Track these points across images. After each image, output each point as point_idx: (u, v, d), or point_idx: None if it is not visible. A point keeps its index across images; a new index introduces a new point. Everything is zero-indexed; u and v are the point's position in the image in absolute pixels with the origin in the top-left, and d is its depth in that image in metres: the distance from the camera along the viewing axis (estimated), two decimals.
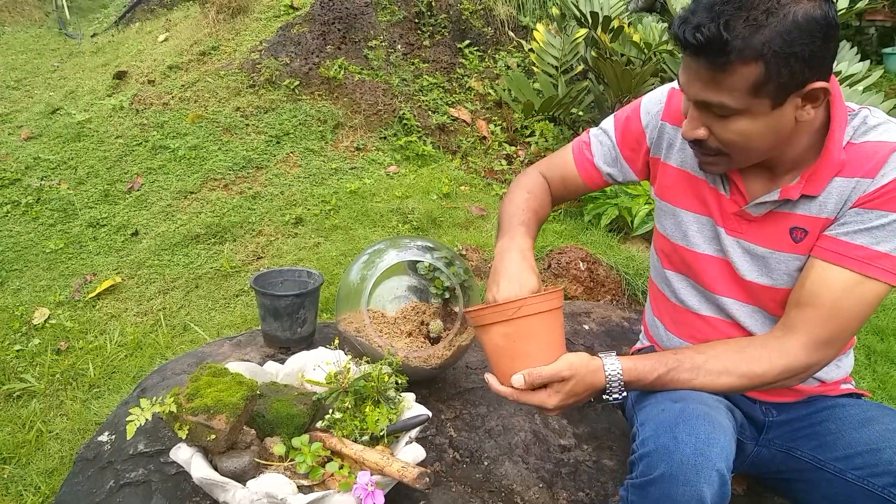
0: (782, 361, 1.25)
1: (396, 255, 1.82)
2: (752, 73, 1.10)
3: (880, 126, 1.22)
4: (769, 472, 1.49)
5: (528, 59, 4.91)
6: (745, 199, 1.33)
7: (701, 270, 1.45)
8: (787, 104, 1.14)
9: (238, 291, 3.32)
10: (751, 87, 1.12)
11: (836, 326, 1.23)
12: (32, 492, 2.19)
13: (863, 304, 1.21)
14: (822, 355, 1.25)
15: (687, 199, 1.44)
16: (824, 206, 1.25)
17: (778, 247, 1.31)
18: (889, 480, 1.21)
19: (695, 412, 1.19)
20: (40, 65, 6.22)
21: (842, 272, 1.21)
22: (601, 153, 1.57)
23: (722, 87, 1.14)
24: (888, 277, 1.19)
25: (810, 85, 1.12)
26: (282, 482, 1.30)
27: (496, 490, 1.57)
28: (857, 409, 1.38)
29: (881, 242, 1.18)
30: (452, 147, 4.72)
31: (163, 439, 1.65)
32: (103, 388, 2.73)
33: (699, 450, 1.12)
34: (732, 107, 1.15)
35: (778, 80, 1.11)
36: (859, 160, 1.21)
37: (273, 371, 1.69)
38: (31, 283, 3.43)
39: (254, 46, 5.00)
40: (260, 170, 4.22)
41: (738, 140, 1.20)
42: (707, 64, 1.13)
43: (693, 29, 1.10)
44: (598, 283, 3.10)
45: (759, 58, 1.09)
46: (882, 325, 3.06)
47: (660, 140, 1.48)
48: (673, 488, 1.11)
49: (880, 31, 7.05)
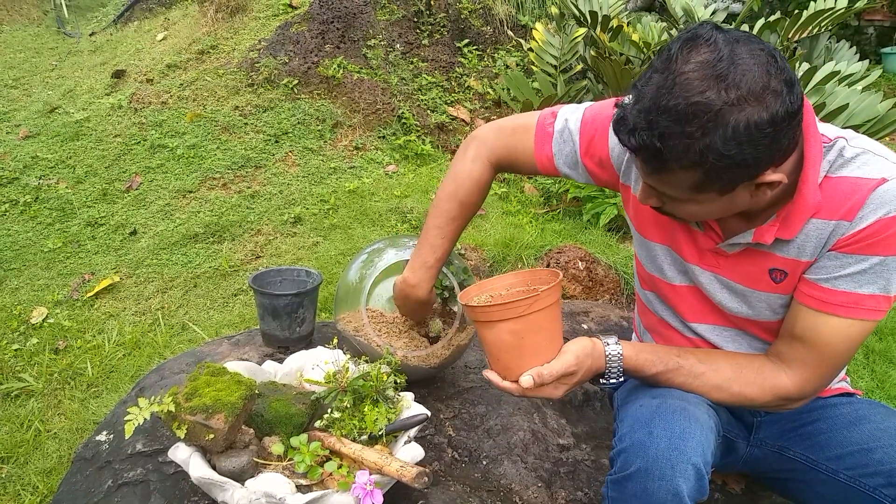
0: (773, 393, 1.27)
1: (395, 254, 1.82)
2: (691, 177, 1.07)
3: (858, 158, 1.15)
4: (764, 472, 1.49)
5: (527, 58, 4.91)
6: (720, 237, 1.29)
7: (676, 300, 1.45)
8: (738, 191, 1.10)
9: (237, 291, 3.31)
10: (692, 188, 1.09)
11: (828, 366, 1.25)
12: (30, 491, 2.19)
13: (852, 341, 1.22)
14: (812, 390, 1.27)
15: (658, 233, 1.42)
16: (803, 250, 1.21)
17: (757, 286, 1.29)
18: (880, 481, 1.21)
19: (670, 408, 1.20)
20: (38, 63, 6.20)
21: (829, 318, 1.20)
22: (562, 155, 1.48)
23: (663, 183, 1.12)
24: (874, 315, 1.19)
25: (761, 178, 1.08)
26: (280, 482, 1.30)
27: (495, 489, 1.57)
28: (848, 407, 1.38)
29: (864, 286, 1.17)
30: (451, 146, 4.72)
31: (161, 439, 1.64)
32: (101, 387, 2.72)
33: (673, 444, 1.13)
34: (676, 197, 1.15)
35: (720, 182, 1.07)
36: (837, 200, 1.15)
37: (272, 370, 1.68)
38: (30, 282, 3.42)
39: (252, 45, 4.99)
40: (258, 169, 4.22)
41: (693, 216, 1.22)
42: (645, 163, 1.10)
43: (628, 132, 1.06)
44: (597, 283, 3.10)
45: (698, 165, 1.04)
46: (880, 325, 3.06)
47: (628, 170, 1.42)
48: (649, 483, 1.12)
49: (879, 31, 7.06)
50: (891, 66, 6.73)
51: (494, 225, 3.83)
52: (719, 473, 1.64)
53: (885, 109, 2.86)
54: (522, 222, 3.88)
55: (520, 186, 4.39)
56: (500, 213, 4.02)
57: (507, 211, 4.05)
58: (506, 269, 3.35)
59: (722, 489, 1.62)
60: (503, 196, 4.26)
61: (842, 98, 2.86)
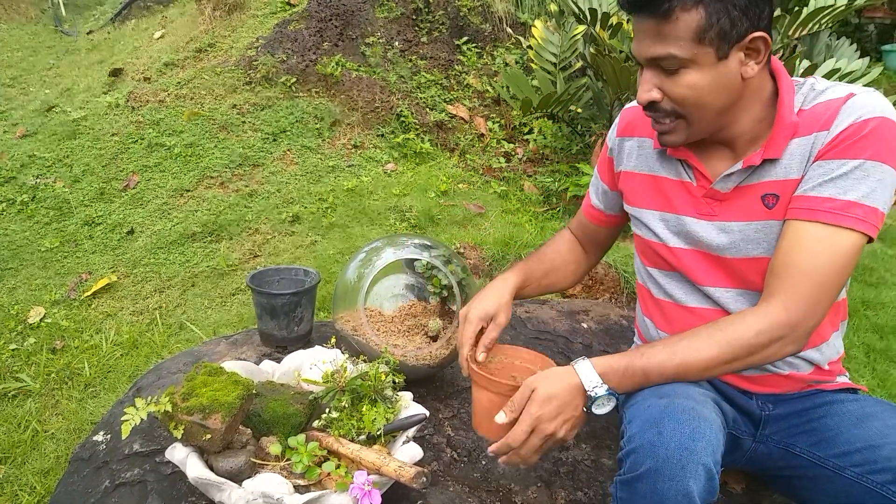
0: (762, 322, 1.22)
1: (394, 253, 1.81)
2: (693, 19, 1.16)
3: (828, 90, 1.26)
4: (768, 469, 1.48)
5: (527, 55, 4.89)
6: (711, 180, 1.35)
7: (679, 264, 1.45)
8: (731, 57, 1.20)
9: (234, 290, 3.30)
10: (694, 34, 1.17)
11: (814, 282, 1.21)
12: (28, 492, 2.18)
13: (838, 256, 1.20)
14: (803, 311, 1.22)
15: (650, 199, 1.48)
16: (790, 168, 1.27)
17: (753, 216, 1.32)
18: (888, 477, 1.20)
19: (679, 407, 1.17)
20: (36, 62, 6.19)
21: (815, 227, 1.21)
22: (594, 191, 1.67)
23: (668, 38, 1.19)
24: (862, 226, 1.19)
25: (751, 35, 1.18)
26: (278, 482, 1.29)
27: (494, 489, 1.56)
28: (855, 405, 1.36)
29: (848, 191, 1.19)
30: (450, 144, 4.70)
31: (158, 439, 1.63)
32: (99, 387, 2.71)
33: (684, 444, 1.11)
34: (680, 56, 1.19)
35: (719, 26, 1.16)
36: (813, 119, 1.25)
37: (269, 370, 1.67)
38: (27, 281, 3.41)
39: (250, 43, 4.98)
40: (256, 167, 4.21)
41: (690, 95, 1.23)
42: (651, 17, 1.19)
43: None
44: (597, 282, 3.09)
45: (699, 3, 1.15)
46: (882, 322, 3.05)
47: (619, 155, 1.55)
48: (659, 483, 1.10)
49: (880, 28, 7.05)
50: (891, 63, 6.73)
51: (494, 224, 3.82)
52: (721, 472, 1.63)
53: None
54: (522, 221, 3.87)
55: (519, 185, 4.38)
56: (499, 211, 4.01)
57: (506, 209, 4.05)
58: (504, 268, 3.34)
59: (723, 489, 1.61)
60: (503, 194, 4.25)
61: None
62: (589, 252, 1.75)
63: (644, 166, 1.48)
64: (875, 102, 1.21)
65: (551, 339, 2.18)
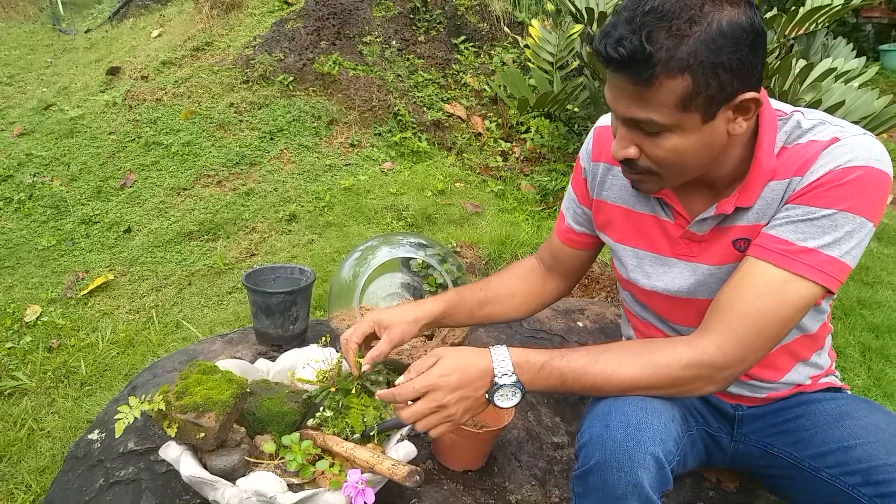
0: (689, 354, 1.17)
1: (389, 251, 1.81)
2: (679, 87, 1.05)
3: (815, 128, 1.17)
4: (751, 468, 1.47)
5: (524, 55, 4.89)
6: (688, 220, 1.29)
7: (649, 301, 1.44)
8: (718, 118, 1.10)
9: (231, 288, 3.30)
10: (679, 102, 1.06)
11: (754, 327, 1.15)
12: (24, 490, 2.18)
13: (785, 304, 1.13)
14: (736, 355, 1.16)
15: (625, 234, 1.42)
16: (762, 214, 1.20)
17: (724, 260, 1.26)
18: (858, 480, 1.18)
19: (627, 400, 1.17)
20: (33, 60, 6.18)
21: (766, 268, 1.14)
22: (570, 212, 1.56)
23: (650, 104, 1.08)
24: (816, 276, 1.12)
25: (741, 96, 1.08)
26: (271, 480, 1.29)
27: (488, 488, 1.56)
28: (832, 404, 1.35)
29: (809, 238, 1.12)
30: (447, 143, 4.70)
31: (153, 437, 1.63)
32: (95, 385, 2.71)
33: (630, 435, 1.11)
34: (662, 123, 1.09)
35: (707, 93, 1.06)
36: (792, 161, 1.17)
37: (264, 369, 1.67)
38: (23, 280, 3.41)
39: (248, 42, 4.98)
40: (253, 166, 4.21)
41: (670, 157, 1.14)
42: (632, 79, 1.07)
43: (615, 43, 1.05)
44: (593, 280, 3.09)
45: (686, 69, 1.04)
46: (877, 322, 3.06)
47: (593, 180, 1.46)
48: (608, 475, 1.11)
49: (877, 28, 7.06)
50: (889, 62, 6.74)
51: (490, 222, 3.83)
52: (713, 471, 1.63)
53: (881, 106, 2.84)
54: (518, 220, 3.87)
55: (516, 184, 4.39)
56: (496, 210, 4.02)
57: (503, 208, 4.05)
58: (501, 268, 3.34)
59: (717, 487, 1.61)
60: (499, 193, 4.25)
61: (838, 95, 2.85)
62: (555, 281, 1.64)
63: (619, 198, 1.41)
64: (861, 149, 1.12)
65: (547, 337, 2.19)
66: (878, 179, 1.11)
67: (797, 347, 1.37)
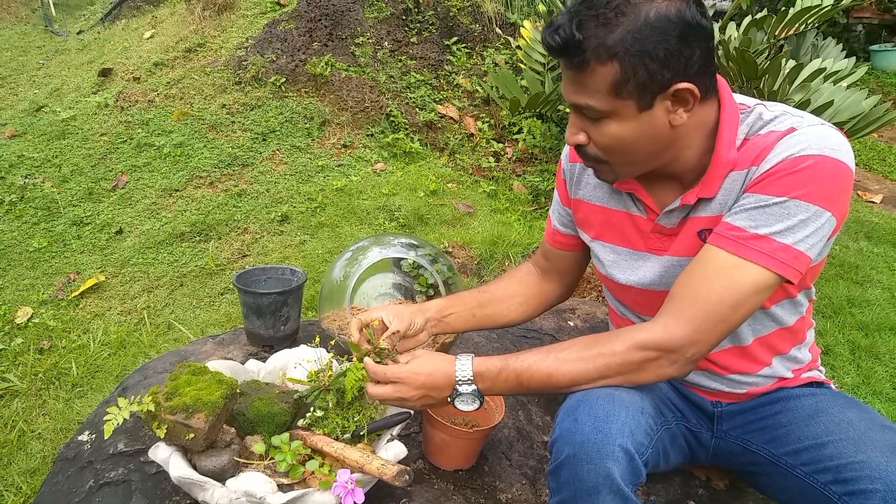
0: (638, 339, 1.19)
1: (380, 252, 1.82)
2: (608, 73, 1.11)
3: (776, 119, 1.20)
4: (733, 465, 1.47)
5: (516, 56, 4.90)
6: (657, 213, 1.32)
7: (622, 295, 1.46)
8: (655, 107, 1.15)
9: (223, 290, 3.30)
10: (611, 88, 1.12)
11: (702, 309, 1.16)
12: (13, 492, 2.17)
13: (734, 290, 1.15)
14: (685, 336, 1.17)
15: (600, 231, 1.45)
16: (724, 204, 1.23)
17: (692, 252, 1.27)
18: (829, 477, 1.17)
19: (596, 394, 1.20)
20: (25, 62, 6.17)
21: (718, 252, 1.17)
22: (555, 215, 1.61)
23: (586, 89, 1.15)
24: (768, 262, 1.13)
25: (674, 86, 1.12)
26: (261, 481, 1.29)
27: (478, 487, 1.56)
28: (810, 399, 1.35)
29: (761, 226, 1.14)
30: (440, 144, 4.71)
31: (143, 438, 1.63)
32: (86, 387, 2.71)
33: (598, 427, 1.13)
34: (598, 109, 1.15)
35: (636, 80, 1.11)
36: (750, 151, 1.19)
37: (254, 369, 1.67)
38: (15, 281, 3.40)
39: (240, 43, 4.97)
40: (246, 167, 4.20)
41: (612, 144, 1.19)
42: (568, 65, 1.15)
43: (553, 31, 1.13)
44: (584, 280, 3.10)
45: (613, 57, 1.10)
46: (866, 320, 3.07)
47: (571, 179, 1.51)
48: (578, 468, 1.13)
49: (868, 29, 7.08)
50: (879, 63, 6.76)
51: (482, 223, 3.83)
52: (702, 469, 1.64)
53: (869, 106, 2.86)
54: (510, 220, 3.88)
55: (508, 184, 4.39)
56: (488, 210, 4.02)
57: (495, 209, 4.05)
58: (493, 268, 3.35)
59: (706, 485, 1.62)
60: (492, 194, 4.26)
61: (827, 95, 2.86)
62: (552, 283, 1.66)
63: (594, 196, 1.45)
64: (816, 138, 1.13)
65: (538, 337, 2.19)
66: (832, 168, 1.12)
67: (774, 340, 1.37)
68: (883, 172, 5.00)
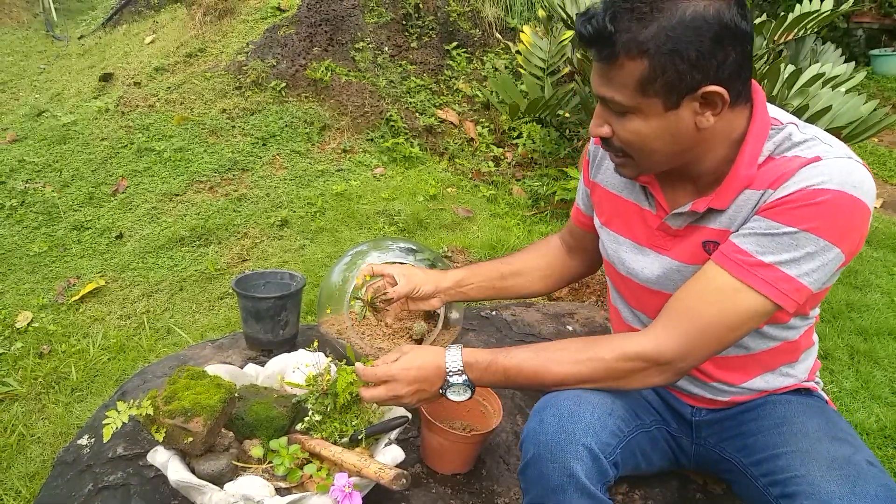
0: (628, 348, 1.20)
1: (378, 256, 1.82)
2: (637, 69, 1.09)
3: (805, 143, 1.16)
4: (715, 473, 1.46)
5: (515, 60, 4.91)
6: (667, 212, 1.31)
7: (624, 289, 1.47)
8: (682, 108, 1.12)
9: (222, 294, 3.30)
10: (638, 84, 1.10)
11: (695, 325, 1.16)
12: (13, 496, 2.17)
13: (729, 312, 1.15)
14: (675, 350, 1.17)
15: (610, 218, 1.45)
16: (734, 219, 1.21)
17: (693, 260, 1.27)
18: (778, 491, 1.16)
19: (563, 395, 1.22)
20: (27, 67, 6.19)
21: (721, 273, 1.16)
22: (580, 194, 1.62)
23: (613, 82, 1.13)
24: (768, 290, 1.12)
25: (703, 88, 1.09)
26: (259, 484, 1.30)
27: (476, 491, 1.56)
28: (783, 408, 1.32)
29: (767, 253, 1.12)
30: (440, 149, 4.72)
31: (142, 442, 1.64)
32: (86, 391, 2.71)
33: (562, 427, 1.15)
34: (624, 104, 1.13)
35: (664, 79, 1.09)
36: (771, 173, 1.16)
37: (253, 373, 1.68)
38: (15, 286, 3.41)
39: (240, 48, 4.99)
40: (246, 172, 4.21)
41: (635, 140, 1.17)
42: (598, 56, 1.13)
43: (586, 20, 1.11)
44: (583, 284, 3.11)
45: (644, 53, 1.07)
46: (865, 325, 3.08)
47: (594, 161, 1.51)
48: (543, 467, 1.15)
49: (868, 34, 7.09)
50: (880, 67, 6.77)
51: (482, 227, 3.84)
52: (698, 473, 1.64)
53: (868, 111, 2.87)
54: (510, 224, 3.89)
55: (508, 189, 4.40)
56: (487, 215, 4.03)
57: (495, 213, 4.06)
58: None
59: (703, 489, 1.62)
60: (491, 198, 4.27)
61: (826, 100, 2.86)
62: (577, 259, 1.70)
63: (610, 183, 1.45)
64: (839, 173, 1.09)
65: (536, 341, 2.19)
66: (848, 205, 1.09)
67: (765, 357, 1.35)
68: (883, 177, 5.00)
